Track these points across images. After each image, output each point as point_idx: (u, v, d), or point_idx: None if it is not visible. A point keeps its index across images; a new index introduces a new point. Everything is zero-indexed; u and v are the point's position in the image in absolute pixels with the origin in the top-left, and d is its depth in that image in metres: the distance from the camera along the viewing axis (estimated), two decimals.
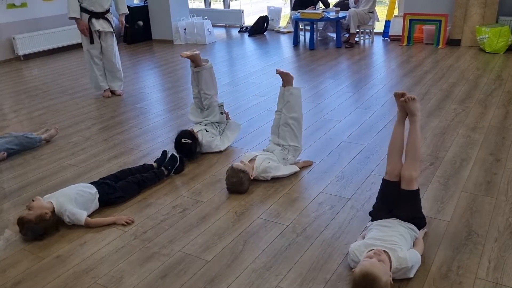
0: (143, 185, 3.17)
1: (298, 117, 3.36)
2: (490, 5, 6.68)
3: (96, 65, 5.34)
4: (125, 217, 2.83)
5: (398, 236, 2.24)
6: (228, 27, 10.04)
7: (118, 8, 5.35)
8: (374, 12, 7.64)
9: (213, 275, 2.32)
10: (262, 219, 2.78)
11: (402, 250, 2.16)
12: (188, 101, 5.13)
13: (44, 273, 2.41)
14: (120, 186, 3.06)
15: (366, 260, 2.06)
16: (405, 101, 2.49)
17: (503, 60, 6.06)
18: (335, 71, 6.09)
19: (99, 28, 5.12)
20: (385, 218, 2.39)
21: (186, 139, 3.49)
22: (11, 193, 3.27)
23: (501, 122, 4.00)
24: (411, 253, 2.20)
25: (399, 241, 2.22)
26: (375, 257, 2.06)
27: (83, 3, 5.02)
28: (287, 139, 3.33)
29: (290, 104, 3.32)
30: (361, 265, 2.04)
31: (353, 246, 2.28)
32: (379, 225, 2.37)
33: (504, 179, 3.06)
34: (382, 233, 2.27)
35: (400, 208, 2.38)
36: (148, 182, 3.20)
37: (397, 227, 2.31)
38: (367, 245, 2.21)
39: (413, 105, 2.51)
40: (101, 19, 5.13)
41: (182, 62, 7.07)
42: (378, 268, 1.99)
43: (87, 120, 4.72)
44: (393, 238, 2.22)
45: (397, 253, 2.13)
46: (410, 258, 2.15)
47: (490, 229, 2.54)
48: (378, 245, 2.17)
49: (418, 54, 6.71)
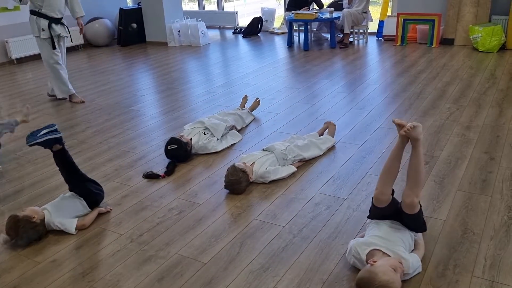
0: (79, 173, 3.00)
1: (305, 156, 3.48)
2: (482, 4, 6.72)
3: (62, 69, 5.31)
4: (104, 209, 2.96)
5: (400, 236, 2.24)
6: (222, 29, 10.04)
7: (75, 12, 5.32)
8: (367, 12, 7.67)
9: (210, 277, 2.31)
10: (259, 220, 2.78)
11: (405, 254, 2.16)
12: (183, 103, 5.13)
13: (40, 277, 2.39)
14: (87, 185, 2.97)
15: (393, 273, 2.00)
16: (405, 132, 2.28)
17: (496, 59, 6.10)
18: (329, 71, 6.10)
19: (60, 33, 5.14)
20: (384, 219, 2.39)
21: (172, 145, 3.57)
22: (5, 198, 3.25)
23: (495, 121, 4.02)
24: (413, 258, 2.18)
25: (401, 242, 2.21)
26: (399, 270, 2.03)
27: (43, 9, 5.01)
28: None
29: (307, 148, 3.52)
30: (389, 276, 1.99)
31: (355, 242, 2.26)
32: (381, 222, 2.35)
33: (499, 177, 3.08)
34: (384, 233, 2.26)
35: (402, 221, 2.34)
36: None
37: (399, 226, 2.30)
38: (370, 244, 2.19)
39: (415, 132, 2.28)
40: (59, 25, 5.15)
41: (176, 64, 7.07)
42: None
43: (82, 123, 4.70)
44: (396, 239, 2.21)
45: (401, 257, 2.12)
46: (412, 264, 2.15)
47: (486, 228, 2.55)
48: (382, 245, 2.16)
49: (412, 54, 6.73)
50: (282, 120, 4.39)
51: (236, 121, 4.16)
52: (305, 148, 3.48)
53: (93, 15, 8.79)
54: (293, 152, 3.39)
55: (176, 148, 3.56)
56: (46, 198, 3.14)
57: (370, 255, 2.15)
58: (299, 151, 3.42)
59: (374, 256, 2.13)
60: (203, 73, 6.48)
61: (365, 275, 2.02)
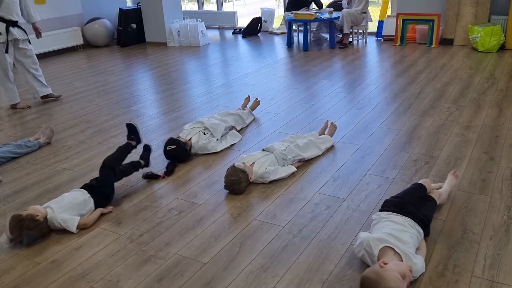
0: (119, 176, 3.18)
1: (305, 156, 3.48)
2: (482, 4, 6.72)
3: (11, 76, 5.19)
4: (105, 209, 2.97)
5: (410, 238, 2.25)
6: (221, 29, 10.04)
7: (31, 16, 5.27)
8: (367, 12, 7.67)
9: (210, 278, 2.31)
10: (259, 220, 2.78)
11: (415, 258, 2.16)
12: (182, 103, 5.13)
13: (39, 278, 2.39)
14: (101, 180, 3.07)
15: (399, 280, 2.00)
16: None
17: (496, 59, 6.10)
18: (329, 71, 6.10)
19: (18, 36, 5.07)
20: (394, 211, 2.40)
21: (171, 145, 3.58)
22: (5, 198, 3.25)
23: (495, 121, 4.02)
24: (420, 262, 2.19)
25: (412, 245, 2.22)
26: (407, 279, 2.03)
27: (0, 12, 4.93)
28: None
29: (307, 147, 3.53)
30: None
31: (368, 236, 2.25)
32: (390, 220, 2.35)
33: (499, 177, 3.08)
34: (398, 232, 2.25)
35: (418, 205, 2.46)
36: (123, 174, 3.23)
37: (409, 228, 2.31)
38: (383, 240, 2.18)
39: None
40: (16, 27, 5.08)
41: (176, 65, 7.07)
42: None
43: (81, 123, 4.70)
44: (408, 240, 2.22)
45: (411, 260, 2.12)
46: (419, 268, 2.15)
47: (486, 227, 2.55)
48: (395, 244, 2.15)
49: (412, 54, 6.74)
50: (282, 120, 4.39)
51: (236, 121, 4.16)
52: (304, 148, 3.48)
53: (93, 16, 8.79)
54: (293, 152, 3.39)
55: (175, 148, 3.57)
56: (46, 198, 3.13)
57: (381, 252, 2.14)
58: (298, 151, 3.43)
59: (386, 255, 2.12)
60: (202, 73, 6.49)
61: (372, 276, 2.00)
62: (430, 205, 2.58)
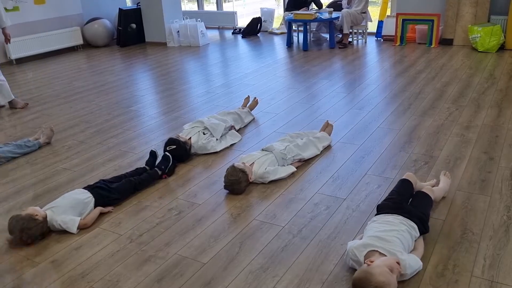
0: (138, 187, 3.19)
1: (304, 156, 3.50)
2: (481, 4, 6.72)
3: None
4: (105, 209, 2.97)
5: (398, 236, 2.24)
6: (221, 29, 10.04)
7: (2, 21, 5.24)
8: (366, 12, 7.67)
9: (210, 278, 2.31)
10: (258, 220, 2.78)
11: (402, 254, 2.15)
12: (182, 103, 5.13)
13: (39, 278, 2.39)
14: (116, 188, 3.07)
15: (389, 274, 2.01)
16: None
17: (495, 59, 6.10)
18: (328, 71, 6.11)
19: None
20: (390, 213, 2.40)
21: (171, 146, 3.57)
22: (5, 199, 3.25)
23: (494, 121, 4.02)
24: (411, 259, 2.18)
25: (399, 242, 2.21)
26: (396, 271, 2.03)
27: None
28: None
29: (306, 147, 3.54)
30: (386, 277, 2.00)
31: (352, 244, 2.26)
32: (380, 221, 2.36)
33: (498, 177, 3.08)
34: (383, 232, 2.26)
35: (412, 202, 2.53)
36: (143, 184, 3.22)
37: (399, 225, 2.31)
38: (367, 245, 2.19)
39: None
40: None
41: (176, 65, 7.07)
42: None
43: (81, 123, 4.70)
44: (393, 239, 2.21)
45: (397, 257, 2.12)
46: (409, 265, 2.14)
47: (485, 227, 2.55)
48: (379, 246, 2.16)
49: (411, 54, 6.74)
50: (281, 120, 4.39)
51: (235, 120, 4.17)
52: (304, 148, 3.49)
53: (92, 16, 8.78)
54: (293, 152, 3.39)
55: (175, 148, 3.56)
56: (46, 198, 3.14)
57: (367, 257, 2.15)
58: (298, 151, 3.43)
59: (372, 257, 2.13)
60: (202, 73, 6.49)
61: (361, 275, 2.01)
62: (426, 202, 2.59)
